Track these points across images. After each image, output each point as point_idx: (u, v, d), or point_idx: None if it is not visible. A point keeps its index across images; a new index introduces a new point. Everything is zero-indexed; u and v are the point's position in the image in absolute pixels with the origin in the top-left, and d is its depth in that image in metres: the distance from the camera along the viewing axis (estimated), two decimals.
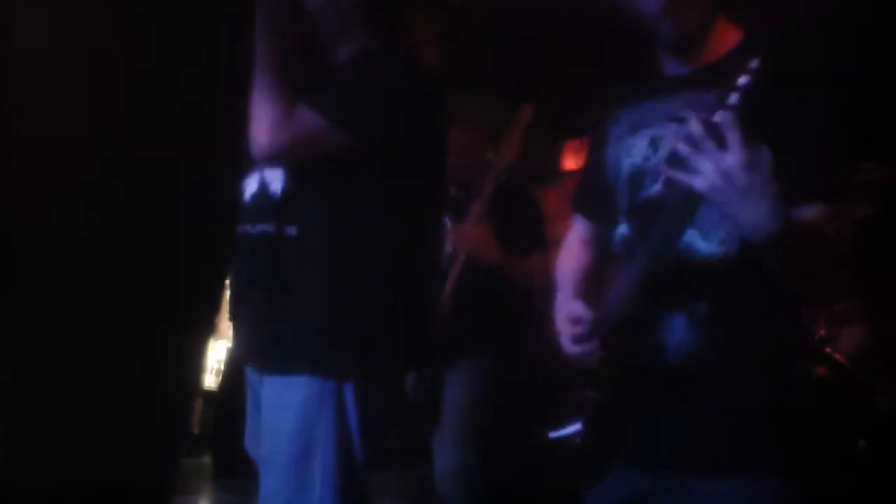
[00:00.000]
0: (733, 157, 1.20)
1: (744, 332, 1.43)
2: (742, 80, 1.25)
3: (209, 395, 5.82)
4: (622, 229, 1.55)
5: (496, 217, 3.07)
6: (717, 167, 1.21)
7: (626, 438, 1.51)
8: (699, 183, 1.25)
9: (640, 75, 1.61)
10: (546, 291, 3.38)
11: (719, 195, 1.24)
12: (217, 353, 6.31)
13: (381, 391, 1.80)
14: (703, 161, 1.23)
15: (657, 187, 1.49)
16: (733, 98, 1.25)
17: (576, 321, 1.52)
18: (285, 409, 1.75)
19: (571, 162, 5.54)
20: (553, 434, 1.63)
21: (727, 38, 1.51)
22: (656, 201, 1.47)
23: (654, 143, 1.51)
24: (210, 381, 6.29)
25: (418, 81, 1.86)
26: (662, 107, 1.53)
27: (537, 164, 5.23)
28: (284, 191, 1.79)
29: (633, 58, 1.56)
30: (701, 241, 1.43)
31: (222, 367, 5.98)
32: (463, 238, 2.97)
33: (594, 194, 1.67)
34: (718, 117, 1.21)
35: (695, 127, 1.23)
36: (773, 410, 1.42)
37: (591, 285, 1.63)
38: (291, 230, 1.76)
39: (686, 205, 1.34)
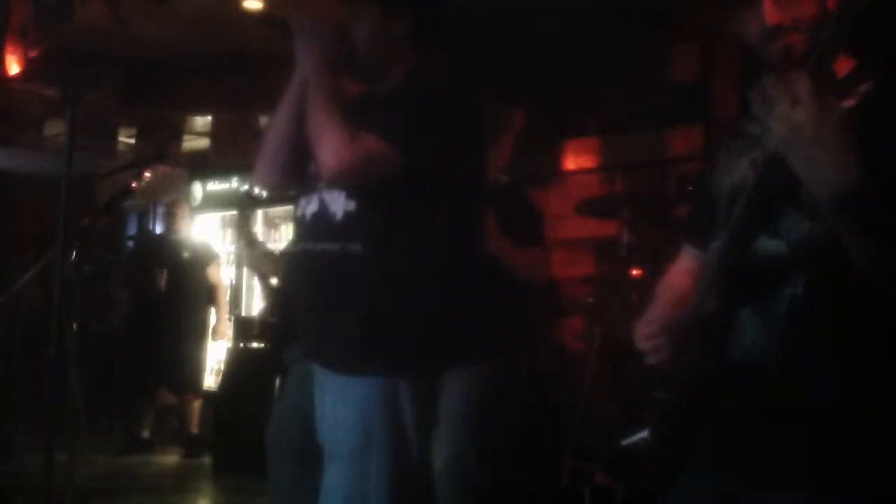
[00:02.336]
0: (803, 111, 1.20)
1: (821, 338, 1.38)
2: (847, 102, 1.27)
3: (209, 395, 5.81)
4: (715, 243, 1.54)
5: (491, 216, 3.08)
6: (788, 121, 1.22)
7: (690, 444, 1.49)
8: (772, 137, 1.25)
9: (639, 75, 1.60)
10: (546, 290, 3.40)
11: (786, 144, 1.24)
12: (217, 353, 6.31)
13: (432, 389, 1.96)
14: (776, 115, 1.23)
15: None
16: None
17: (649, 321, 1.53)
18: (346, 405, 1.89)
19: (571, 162, 5.54)
20: (624, 441, 1.63)
21: (839, 62, 1.43)
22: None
23: (754, 164, 1.51)
24: (210, 381, 6.29)
25: (464, 99, 2.00)
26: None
27: (537, 164, 5.23)
28: (347, 211, 1.91)
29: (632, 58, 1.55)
30: (776, 243, 1.41)
31: (222, 368, 5.98)
32: None
33: (700, 222, 1.65)
34: (794, 75, 1.22)
35: (768, 82, 1.24)
36: (847, 425, 1.35)
37: (685, 308, 1.61)
38: (355, 247, 1.88)
39: (762, 205, 1.34)
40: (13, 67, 5.93)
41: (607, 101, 5.39)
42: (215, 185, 7.55)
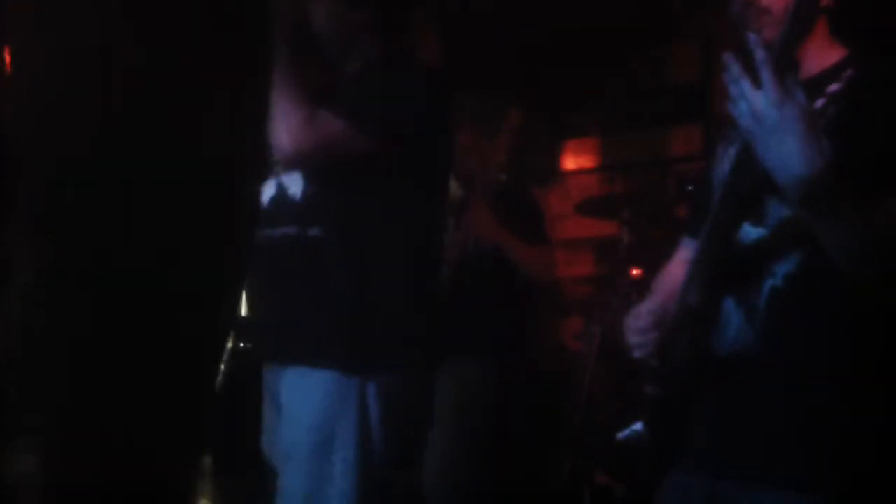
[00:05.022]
0: (764, 96, 1.22)
1: (800, 330, 1.39)
2: (833, 87, 1.32)
3: None
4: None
5: (495, 214, 3.08)
6: (750, 105, 1.24)
7: (681, 439, 1.49)
8: (739, 126, 1.28)
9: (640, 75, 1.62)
10: (548, 288, 3.39)
11: (750, 133, 1.26)
12: None
13: (403, 388, 1.84)
14: (739, 99, 1.25)
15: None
16: (819, 103, 1.30)
17: (639, 315, 1.53)
18: (307, 403, 1.79)
19: (571, 162, 5.53)
20: (619, 435, 1.63)
21: (827, 54, 1.48)
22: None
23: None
24: None
25: (429, 85, 1.91)
26: None
27: (537, 164, 5.22)
28: (305, 194, 1.83)
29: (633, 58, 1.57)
30: (758, 231, 1.42)
31: (222, 367, 5.97)
32: (469, 221, 2.95)
33: (698, 213, 1.66)
34: (757, 56, 1.24)
35: (733, 67, 1.25)
36: (829, 418, 1.35)
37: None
38: (314, 231, 1.81)
39: (737, 194, 1.35)
40: None
41: (607, 101, 5.39)
42: None
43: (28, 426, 0.81)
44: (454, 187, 3.10)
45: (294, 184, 1.85)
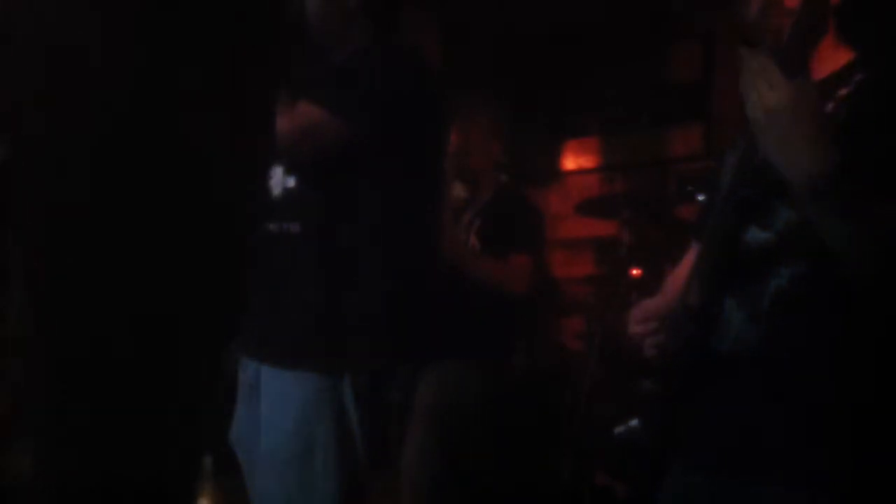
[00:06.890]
0: (776, 95, 1.22)
1: (805, 330, 1.39)
2: (842, 91, 1.32)
3: None
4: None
5: (483, 216, 3.05)
6: (763, 105, 1.23)
7: (680, 436, 1.50)
8: (750, 122, 1.27)
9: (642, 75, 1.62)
10: (539, 292, 3.37)
11: (763, 133, 1.26)
12: None
13: (380, 388, 1.81)
14: (751, 99, 1.25)
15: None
16: (828, 107, 1.31)
17: (645, 308, 1.56)
18: (286, 405, 1.75)
19: (571, 162, 5.53)
20: (616, 431, 1.64)
21: (836, 56, 1.47)
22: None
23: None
24: None
25: (418, 78, 1.87)
26: None
27: (537, 164, 5.22)
28: (286, 188, 1.78)
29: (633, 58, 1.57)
30: (766, 235, 1.42)
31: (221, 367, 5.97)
32: None
33: (705, 217, 1.66)
34: (765, 55, 1.23)
35: (746, 66, 1.25)
36: (830, 418, 1.36)
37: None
38: (294, 227, 1.76)
39: (744, 198, 1.36)
40: None
41: (607, 101, 5.39)
42: None
43: (28, 426, 0.81)
44: (458, 188, 3.09)
45: (273, 177, 1.80)
